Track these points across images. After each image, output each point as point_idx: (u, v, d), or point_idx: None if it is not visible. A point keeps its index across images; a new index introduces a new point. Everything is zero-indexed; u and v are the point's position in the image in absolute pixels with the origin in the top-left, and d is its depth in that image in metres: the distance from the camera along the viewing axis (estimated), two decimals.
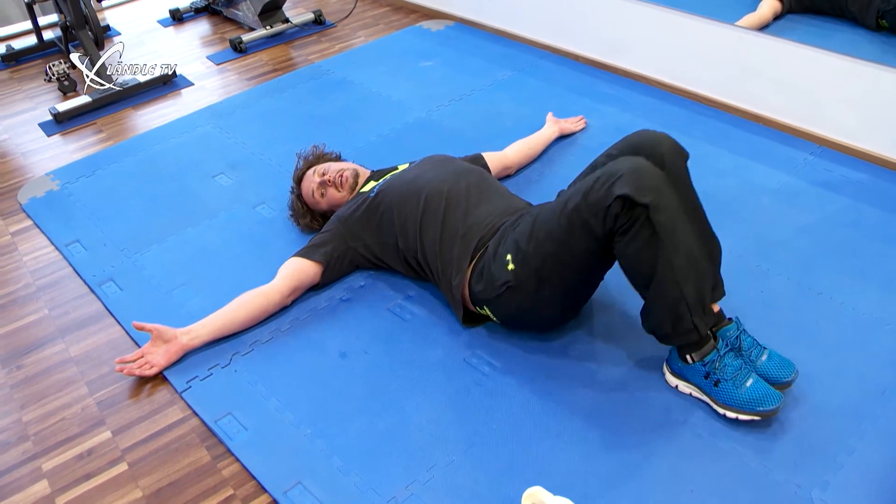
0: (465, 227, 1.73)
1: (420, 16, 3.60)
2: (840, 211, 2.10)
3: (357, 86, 2.95)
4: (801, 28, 2.44)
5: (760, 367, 1.54)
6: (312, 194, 2.05)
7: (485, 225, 1.73)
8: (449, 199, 1.78)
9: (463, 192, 1.80)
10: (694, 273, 1.47)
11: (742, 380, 1.49)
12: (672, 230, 1.44)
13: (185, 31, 3.66)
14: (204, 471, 1.51)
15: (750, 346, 1.56)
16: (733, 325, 1.57)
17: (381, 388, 1.65)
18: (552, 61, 3.02)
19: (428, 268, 1.80)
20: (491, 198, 1.82)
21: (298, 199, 2.11)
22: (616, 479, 1.43)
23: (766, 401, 1.47)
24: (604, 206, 1.44)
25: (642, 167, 1.47)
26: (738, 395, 1.49)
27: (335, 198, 2.03)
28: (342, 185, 2.02)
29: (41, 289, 2.02)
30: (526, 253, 1.57)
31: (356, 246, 1.91)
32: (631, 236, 1.44)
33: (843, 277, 1.87)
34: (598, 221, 1.46)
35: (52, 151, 2.67)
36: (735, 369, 1.50)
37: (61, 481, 1.51)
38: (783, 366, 1.55)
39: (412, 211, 1.80)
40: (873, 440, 1.47)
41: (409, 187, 1.84)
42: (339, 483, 1.45)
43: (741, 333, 1.56)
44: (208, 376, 1.70)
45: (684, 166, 1.61)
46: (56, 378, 1.74)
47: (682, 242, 1.46)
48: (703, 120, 2.55)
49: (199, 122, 2.76)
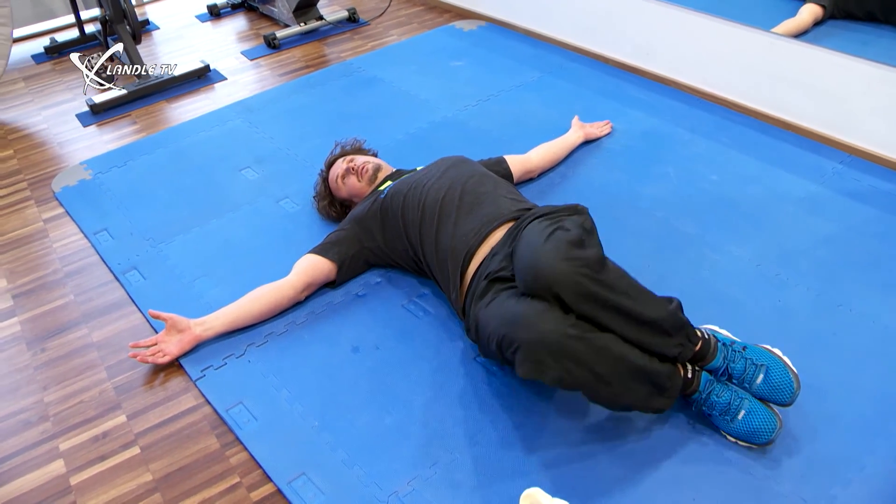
0: (455, 240, 1.71)
1: (453, 15, 3.62)
2: (866, 221, 2.05)
3: (387, 84, 2.98)
4: (841, 34, 2.40)
5: (757, 390, 1.46)
6: (336, 179, 2.10)
7: (472, 236, 1.69)
8: (443, 208, 1.77)
9: (457, 199, 1.77)
10: (633, 385, 1.41)
11: (734, 412, 1.45)
12: (585, 379, 1.37)
13: (222, 26, 3.73)
14: (212, 458, 1.54)
15: (741, 371, 1.47)
16: (719, 356, 1.49)
17: (390, 383, 1.66)
18: (581, 63, 3.01)
19: (433, 275, 1.82)
20: (483, 204, 1.76)
21: (324, 182, 2.16)
22: (618, 483, 1.43)
23: (760, 434, 1.44)
24: (509, 364, 1.41)
25: (536, 338, 1.35)
26: (732, 427, 1.46)
27: (354, 187, 2.07)
28: (362, 175, 2.06)
29: (68, 275, 2.08)
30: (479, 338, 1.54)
31: (371, 246, 1.93)
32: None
33: (865, 289, 1.83)
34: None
35: (87, 141, 2.74)
36: (724, 404, 1.45)
37: (76, 461, 1.55)
38: (781, 388, 1.44)
39: (413, 219, 1.82)
40: (885, 457, 1.44)
41: (411, 194, 1.85)
42: (342, 476, 1.47)
43: (729, 362, 1.48)
44: (223, 366, 1.74)
45: (588, 285, 1.38)
46: (77, 362, 1.80)
47: (602, 376, 1.37)
48: (730, 126, 2.52)
49: (229, 117, 2.81)
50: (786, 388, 1.44)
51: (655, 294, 1.47)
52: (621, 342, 1.40)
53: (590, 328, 1.38)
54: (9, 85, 3.25)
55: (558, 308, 1.38)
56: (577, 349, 1.35)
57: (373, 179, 2.06)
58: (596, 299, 1.38)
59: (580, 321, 1.38)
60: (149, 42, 3.59)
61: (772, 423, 1.43)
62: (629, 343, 1.41)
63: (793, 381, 1.44)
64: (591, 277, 1.38)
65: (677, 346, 1.45)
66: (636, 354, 1.41)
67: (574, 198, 2.20)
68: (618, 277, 1.43)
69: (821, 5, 2.44)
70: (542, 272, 1.37)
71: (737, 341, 1.53)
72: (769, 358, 1.47)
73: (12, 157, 2.69)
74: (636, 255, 1.96)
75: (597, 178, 2.30)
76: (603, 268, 1.41)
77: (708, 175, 2.27)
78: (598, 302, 1.38)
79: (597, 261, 1.41)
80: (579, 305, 1.38)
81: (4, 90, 3.20)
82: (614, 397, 1.41)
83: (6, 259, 2.17)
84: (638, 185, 2.25)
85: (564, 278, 1.36)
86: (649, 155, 2.39)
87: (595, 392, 1.40)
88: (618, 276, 1.44)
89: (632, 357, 1.40)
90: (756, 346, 1.50)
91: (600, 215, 2.11)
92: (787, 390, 1.43)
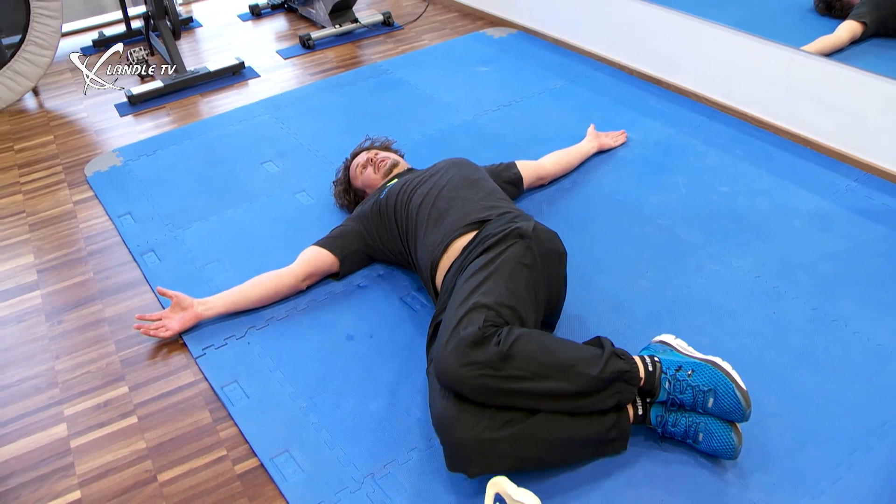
0: (425, 250, 1.75)
1: (486, 23, 3.67)
2: (874, 240, 2.03)
3: (412, 86, 3.04)
4: (878, 52, 2.36)
5: (710, 411, 1.43)
6: (356, 168, 2.18)
7: (437, 245, 1.72)
8: (419, 215, 1.81)
9: (430, 207, 1.80)
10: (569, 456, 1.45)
11: (693, 437, 1.45)
12: (528, 463, 1.40)
13: (262, 26, 3.85)
14: (204, 431, 1.61)
15: (690, 400, 1.43)
16: (663, 392, 1.45)
17: (379, 371, 1.72)
18: (606, 73, 3.03)
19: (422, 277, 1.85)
20: (451, 211, 1.77)
21: (345, 169, 2.24)
22: (588, 478, 1.45)
23: (720, 454, 1.43)
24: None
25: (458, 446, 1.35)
26: (696, 447, 1.47)
27: (369, 178, 2.14)
28: (378, 167, 2.13)
29: (91, 254, 2.19)
30: None
31: (371, 243, 1.98)
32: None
33: (862, 306, 1.82)
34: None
35: (121, 130, 2.87)
36: (681, 432, 1.45)
37: (78, 426, 1.64)
38: (731, 412, 1.41)
39: (403, 222, 1.88)
40: (861, 471, 1.44)
41: (407, 196, 1.89)
42: (322, 455, 1.53)
43: (676, 394, 1.44)
44: (223, 345, 1.81)
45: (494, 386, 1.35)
46: (89, 335, 1.89)
47: (541, 458, 1.41)
48: (747, 140, 2.51)
49: (257, 112, 2.91)
50: (736, 411, 1.40)
51: (579, 346, 1.46)
52: (550, 418, 1.38)
53: (512, 418, 1.36)
54: (56, 75, 3.41)
55: (475, 405, 1.35)
56: (499, 448, 1.34)
57: (387, 174, 2.13)
58: (507, 392, 1.35)
59: (501, 412, 1.36)
60: (190, 38, 3.73)
61: (730, 443, 1.41)
62: (561, 413, 1.40)
63: (741, 401, 1.39)
64: (493, 376, 1.33)
65: (614, 395, 1.42)
66: (569, 427, 1.40)
67: (582, 204, 2.23)
68: (527, 361, 1.36)
69: (862, 23, 2.41)
70: (447, 377, 1.35)
71: (686, 359, 1.48)
72: (717, 379, 1.42)
73: (52, 143, 2.83)
74: (634, 261, 1.98)
75: (606, 185, 2.33)
76: (506, 361, 1.34)
77: (718, 187, 2.28)
78: (509, 394, 1.35)
79: (498, 359, 1.33)
80: (492, 400, 1.35)
81: (52, 80, 3.37)
82: (564, 463, 1.45)
83: (36, 237, 2.29)
84: (646, 194, 2.26)
85: (467, 383, 1.33)
86: (661, 165, 2.40)
87: (542, 466, 1.43)
88: (527, 359, 1.36)
89: (566, 433, 1.40)
90: (706, 363, 1.45)
91: (604, 221, 2.15)
92: (738, 412, 1.40)
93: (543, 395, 1.37)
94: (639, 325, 1.79)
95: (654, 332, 1.74)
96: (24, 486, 1.52)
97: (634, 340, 1.72)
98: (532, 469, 1.43)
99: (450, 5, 3.92)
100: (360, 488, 1.45)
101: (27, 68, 3.08)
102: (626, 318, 1.81)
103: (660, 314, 1.82)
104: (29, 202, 2.47)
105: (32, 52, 3.07)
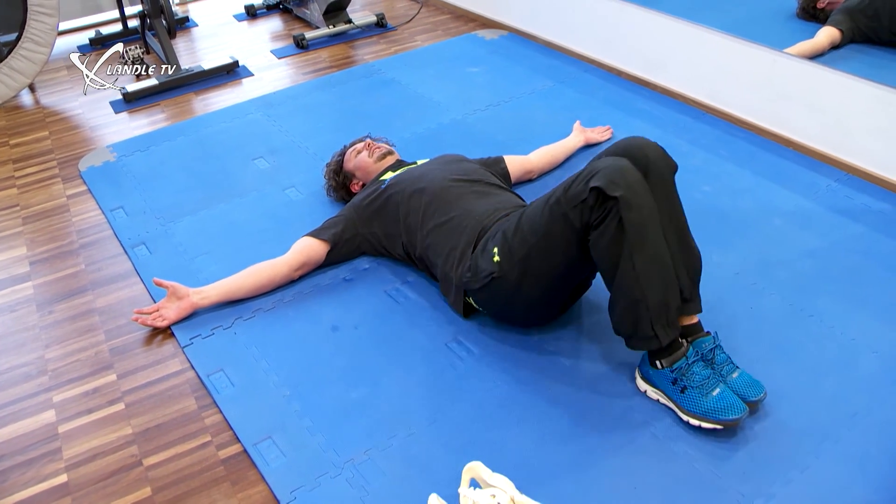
0: (466, 221, 1.81)
1: (478, 24, 3.71)
2: (852, 238, 2.07)
3: (403, 86, 3.08)
4: (858, 57, 2.41)
5: (729, 383, 1.56)
6: (351, 152, 2.24)
7: (485, 217, 1.81)
8: (449, 197, 1.88)
9: (466, 190, 1.90)
10: (659, 279, 1.51)
11: (709, 388, 1.52)
12: (640, 229, 1.48)
13: (257, 26, 3.89)
14: (189, 418, 1.65)
15: (723, 361, 1.58)
16: (710, 338, 1.60)
17: (362, 361, 1.75)
18: (595, 75, 3.07)
19: (428, 261, 1.90)
20: (490, 195, 1.91)
21: (340, 155, 2.29)
22: (563, 467, 1.48)
23: (731, 410, 1.49)
24: (580, 199, 1.50)
25: (621, 166, 1.51)
26: (703, 402, 1.51)
27: (362, 162, 2.19)
28: (372, 152, 2.19)
29: (83, 246, 2.22)
30: (511, 245, 1.64)
31: (365, 233, 2.02)
32: (601, 231, 1.50)
33: (838, 303, 1.85)
34: (575, 214, 1.52)
35: (116, 127, 2.91)
36: (703, 378, 1.53)
37: (66, 413, 1.68)
38: (752, 385, 1.55)
39: (416, 207, 1.91)
40: (830, 460, 1.47)
41: (415, 185, 1.95)
42: (304, 441, 1.56)
43: (716, 348, 1.59)
44: (210, 335, 1.85)
45: (670, 176, 1.62)
46: (79, 324, 1.93)
47: (650, 244, 1.50)
48: (731, 140, 2.55)
49: (250, 110, 2.95)
50: (757, 387, 1.55)
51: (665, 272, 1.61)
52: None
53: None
54: (53, 72, 3.45)
55: None
56: (647, 198, 1.52)
57: (380, 158, 2.18)
58: (670, 192, 1.61)
59: None
60: (186, 38, 3.77)
61: (741, 406, 1.50)
62: None
63: (762, 385, 1.55)
64: (672, 173, 1.62)
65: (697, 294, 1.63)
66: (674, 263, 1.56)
67: None
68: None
69: (839, 29, 2.46)
70: (645, 141, 1.63)
71: None
72: None
73: (47, 138, 2.87)
74: None
75: None
76: None
77: (701, 186, 2.32)
78: (670, 195, 1.60)
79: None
80: (655, 182, 1.57)
81: (48, 77, 3.41)
82: (634, 280, 1.49)
83: (29, 229, 2.32)
84: None
85: (662, 151, 1.63)
86: None
87: (628, 247, 1.49)
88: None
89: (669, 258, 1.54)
90: None
91: None
92: (758, 388, 1.55)
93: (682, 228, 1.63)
94: None
95: None
96: (13, 469, 1.55)
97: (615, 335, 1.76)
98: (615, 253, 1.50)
99: (443, 7, 3.97)
100: (340, 473, 1.49)
101: (24, 65, 3.12)
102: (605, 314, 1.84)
103: None
104: (23, 196, 2.51)
105: (29, 49, 3.10)
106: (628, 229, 1.47)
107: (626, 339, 1.58)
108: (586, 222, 1.52)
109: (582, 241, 1.56)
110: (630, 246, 1.48)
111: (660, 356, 1.57)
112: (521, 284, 1.66)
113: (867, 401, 1.60)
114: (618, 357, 1.72)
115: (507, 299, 1.71)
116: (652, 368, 1.59)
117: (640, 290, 1.49)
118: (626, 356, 1.71)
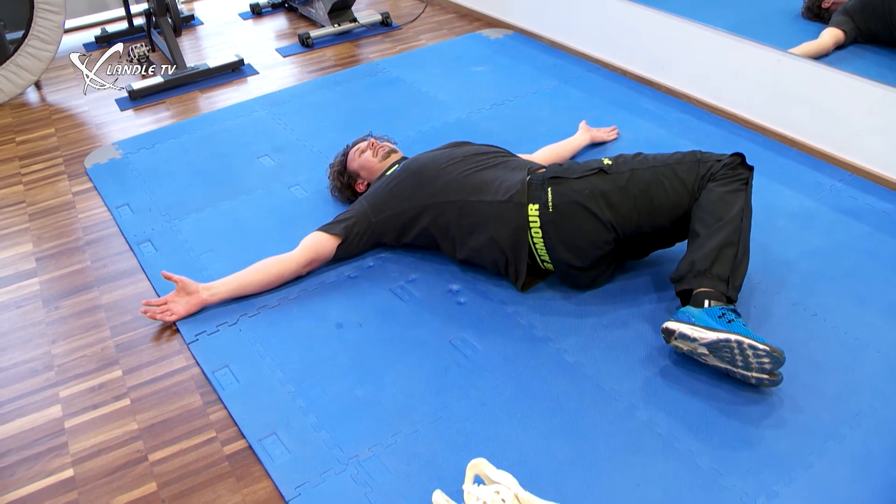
0: (515, 163, 1.97)
1: (483, 24, 3.72)
2: (857, 238, 2.07)
3: (408, 85, 3.09)
4: (865, 56, 2.41)
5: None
6: (355, 151, 2.25)
7: (526, 164, 1.96)
8: (477, 160, 1.98)
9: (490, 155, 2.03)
10: (746, 245, 1.71)
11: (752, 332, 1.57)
12: (750, 204, 1.75)
13: (262, 24, 3.90)
14: (194, 414, 1.65)
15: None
16: None
17: (367, 358, 1.76)
18: (599, 74, 3.08)
19: (458, 224, 1.90)
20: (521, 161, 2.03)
21: (343, 155, 2.29)
22: (567, 463, 1.49)
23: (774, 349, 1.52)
24: (717, 158, 1.77)
25: None
26: (751, 333, 1.55)
27: (367, 161, 2.20)
28: (376, 151, 2.19)
29: (88, 243, 2.23)
30: (627, 159, 1.83)
31: (378, 220, 2.00)
32: (724, 183, 1.73)
33: (843, 302, 1.86)
34: (704, 166, 1.76)
35: (122, 124, 2.92)
36: (746, 328, 1.56)
37: (72, 408, 1.69)
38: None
39: (444, 167, 1.97)
40: (833, 460, 1.48)
41: (433, 155, 2.04)
42: (309, 437, 1.57)
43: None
44: (215, 332, 1.85)
45: None
46: (85, 320, 1.94)
47: (750, 218, 1.74)
48: (736, 140, 2.55)
49: (255, 108, 2.96)
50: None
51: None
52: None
53: None
54: (59, 70, 3.46)
55: None
56: None
57: (385, 157, 2.19)
58: None
59: None
60: (191, 36, 3.78)
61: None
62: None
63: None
64: None
65: None
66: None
67: None
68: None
69: (842, 30, 2.46)
70: None
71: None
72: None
73: (53, 135, 2.88)
74: None
75: None
76: None
77: None
78: None
79: None
80: None
81: (54, 74, 3.42)
82: (746, 235, 1.71)
83: (35, 226, 2.34)
84: None
85: None
86: None
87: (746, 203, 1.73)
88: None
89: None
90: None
91: None
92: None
93: None
94: (625, 326, 1.83)
95: (648, 321, 1.80)
96: (20, 463, 1.56)
97: (630, 325, 1.78)
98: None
99: (447, 6, 3.97)
100: (344, 469, 1.49)
101: (30, 62, 3.13)
102: (615, 307, 1.85)
103: (646, 303, 1.86)
104: (29, 193, 2.52)
105: (35, 46, 3.12)
106: (748, 196, 1.73)
107: (696, 274, 1.66)
108: (712, 173, 1.74)
109: (691, 193, 1.75)
110: (747, 203, 1.73)
111: (711, 297, 1.63)
112: (629, 182, 1.77)
113: (871, 400, 1.60)
114: (622, 355, 1.73)
115: (605, 198, 1.77)
116: (698, 308, 1.61)
117: (738, 237, 1.68)
118: (629, 355, 1.72)
